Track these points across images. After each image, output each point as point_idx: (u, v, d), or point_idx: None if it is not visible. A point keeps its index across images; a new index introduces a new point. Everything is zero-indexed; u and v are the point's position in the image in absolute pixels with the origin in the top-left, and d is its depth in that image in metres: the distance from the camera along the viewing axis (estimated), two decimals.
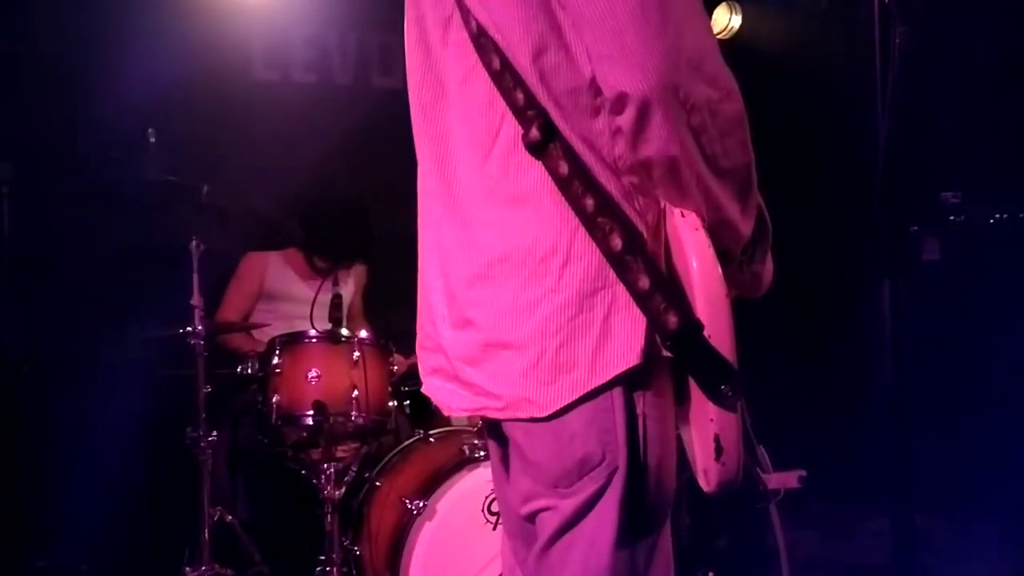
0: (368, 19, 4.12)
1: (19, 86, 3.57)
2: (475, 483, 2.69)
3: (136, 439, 3.26)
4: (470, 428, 3.04)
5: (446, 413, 1.48)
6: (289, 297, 3.58)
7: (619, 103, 1.22)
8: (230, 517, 2.97)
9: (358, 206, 3.65)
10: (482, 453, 2.73)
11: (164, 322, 2.99)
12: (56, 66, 3.57)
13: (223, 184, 2.86)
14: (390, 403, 2.90)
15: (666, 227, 1.29)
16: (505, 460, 1.48)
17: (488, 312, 1.34)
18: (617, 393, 1.29)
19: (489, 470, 2.66)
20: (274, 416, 2.78)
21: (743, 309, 1.33)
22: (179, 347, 3.08)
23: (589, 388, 1.28)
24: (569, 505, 1.33)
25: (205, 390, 2.84)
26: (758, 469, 1.36)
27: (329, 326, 2.93)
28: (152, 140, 2.89)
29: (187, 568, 2.77)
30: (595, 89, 1.25)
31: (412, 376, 3.14)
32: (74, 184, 3.33)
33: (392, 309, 3.53)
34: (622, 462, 1.30)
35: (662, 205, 1.29)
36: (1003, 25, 3.89)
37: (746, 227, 1.34)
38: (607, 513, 1.31)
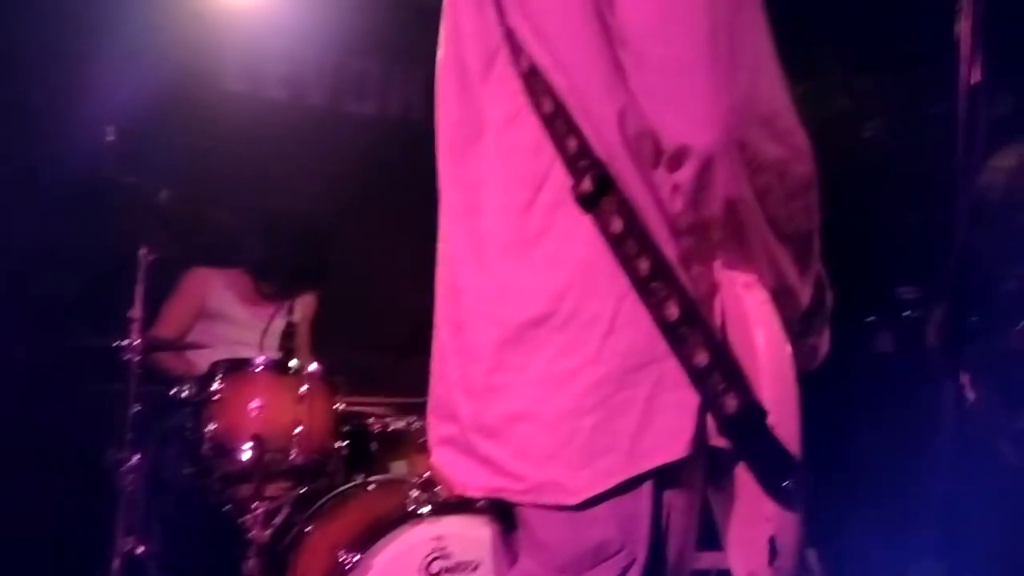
0: (349, 43, 4.00)
1: None
2: (416, 540, 2.51)
3: (47, 456, 3.01)
4: (412, 479, 2.87)
5: (456, 491, 1.33)
6: (230, 320, 3.39)
7: (678, 157, 1.11)
8: (141, 548, 2.74)
9: (315, 232, 3.49)
10: (427, 509, 2.56)
11: (93, 332, 2.79)
12: (15, 57, 3.36)
13: (181, 194, 2.68)
14: (333, 444, 2.73)
15: (722, 298, 1.17)
16: (506, 534, 1.34)
17: (516, 379, 1.19)
18: (648, 479, 1.16)
19: (433, 527, 2.55)
20: (206, 445, 2.58)
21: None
22: (107, 361, 2.87)
23: (626, 477, 1.15)
24: None
25: (134, 409, 2.63)
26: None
27: (278, 355, 2.75)
28: (110, 139, 2.71)
29: None
30: (657, 139, 1.14)
31: (353, 416, 2.97)
32: (14, 177, 3.11)
33: (338, 343, 3.38)
34: (642, 555, 1.17)
35: (717, 275, 1.18)
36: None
37: (805, 296, 1.24)
38: None
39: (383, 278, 3.86)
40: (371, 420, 3.02)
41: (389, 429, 3.02)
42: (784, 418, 1.12)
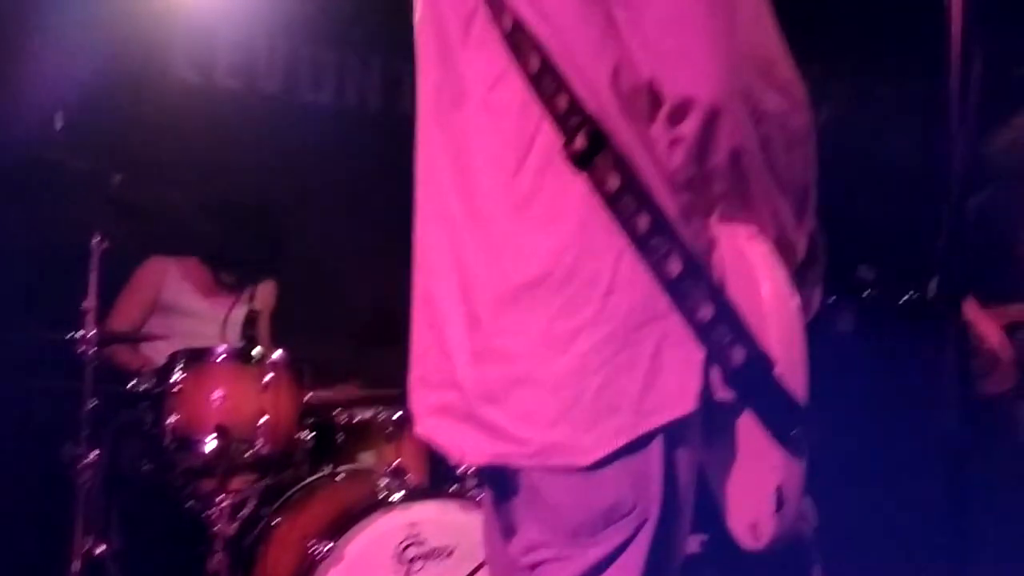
0: (301, 30, 3.92)
1: None
2: (389, 527, 2.46)
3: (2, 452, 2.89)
4: (382, 468, 2.82)
5: (456, 460, 1.28)
6: (187, 312, 3.30)
7: (682, 109, 1.09)
8: (102, 547, 2.64)
9: (270, 216, 3.41)
10: (399, 496, 2.51)
11: (43, 326, 2.69)
12: None
13: (134, 179, 2.59)
14: (299, 434, 2.66)
15: (721, 252, 1.16)
16: (501, 505, 1.29)
17: (517, 343, 1.17)
18: (657, 436, 1.14)
19: (405, 513, 2.50)
20: (168, 438, 2.50)
21: None
22: (59, 355, 2.77)
23: (636, 435, 1.13)
24: (588, 557, 1.17)
25: (91, 404, 2.54)
26: (804, 524, 1.22)
27: (240, 344, 2.68)
28: (59, 126, 2.62)
29: None
30: (653, 93, 1.12)
31: (318, 407, 2.91)
32: None
33: (296, 335, 3.30)
34: (654, 512, 1.15)
35: (715, 229, 1.16)
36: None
37: (801, 248, 1.23)
38: (630, 567, 1.16)
39: (340, 268, 3.80)
40: (336, 411, 2.97)
41: (355, 420, 2.96)
42: (791, 367, 1.12)
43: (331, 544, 2.40)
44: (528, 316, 1.16)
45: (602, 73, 1.13)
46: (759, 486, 1.15)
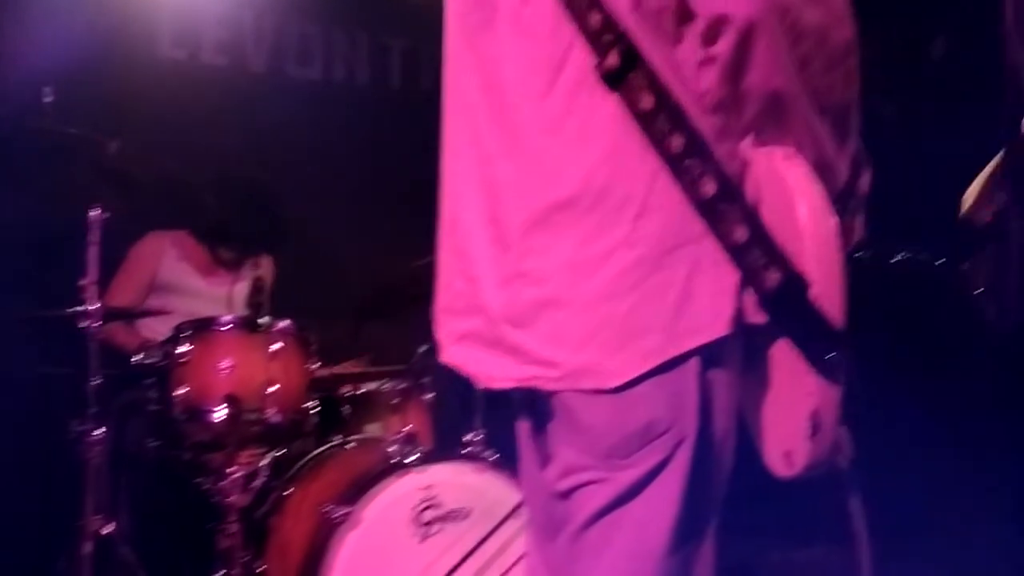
0: (287, 5, 3.87)
1: None
2: (405, 489, 2.44)
3: (3, 435, 2.84)
4: (392, 437, 2.79)
5: (482, 384, 1.27)
6: (186, 292, 3.25)
7: (716, 27, 1.06)
8: (110, 527, 2.60)
9: (265, 189, 3.36)
10: (412, 458, 2.49)
11: (43, 301, 2.64)
12: None
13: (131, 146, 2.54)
14: (307, 403, 2.63)
15: (755, 175, 1.13)
16: (535, 433, 1.28)
17: (546, 264, 1.15)
18: (693, 357, 1.12)
19: (421, 476, 2.48)
20: (177, 410, 2.46)
21: None
22: (56, 334, 2.73)
23: (666, 358, 1.11)
24: (624, 478, 1.14)
25: (96, 381, 2.49)
26: (839, 454, 1.20)
27: (245, 312, 2.64)
28: (48, 99, 2.56)
29: None
30: (681, 12, 1.09)
31: (323, 380, 2.87)
32: None
33: (291, 311, 3.26)
34: (691, 433, 1.13)
35: (749, 152, 1.13)
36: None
37: (843, 171, 1.20)
38: (669, 489, 1.13)
39: (331, 243, 3.77)
40: (342, 383, 2.94)
41: (361, 391, 2.93)
42: (828, 289, 1.09)
43: (348, 509, 2.37)
44: (558, 238, 1.14)
45: None
46: (794, 412, 1.13)
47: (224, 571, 2.50)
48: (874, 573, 1.25)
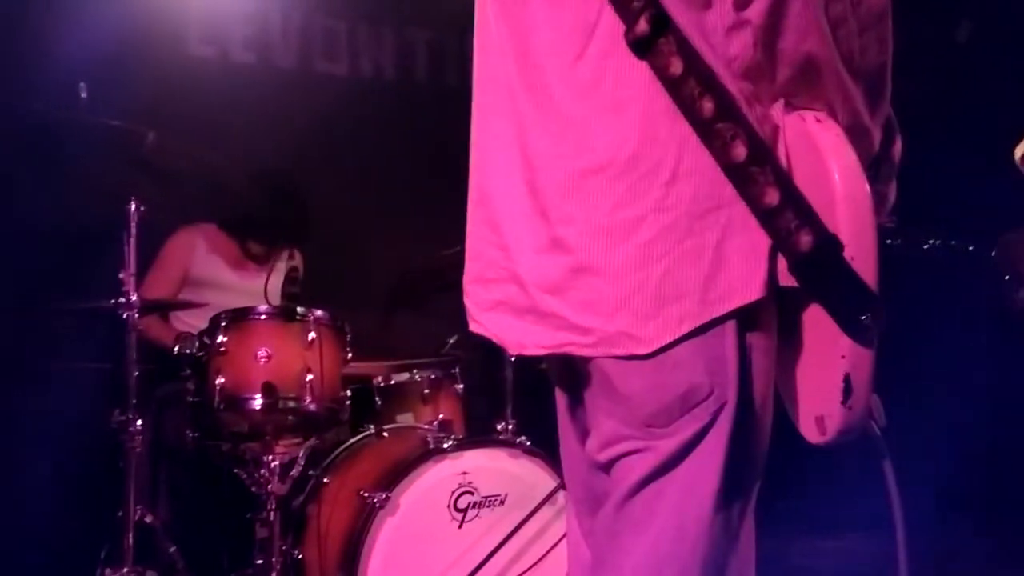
0: (313, 1, 3.90)
1: None
2: (441, 475, 2.46)
3: (44, 429, 2.88)
4: (426, 426, 2.81)
5: (513, 352, 1.29)
6: (218, 286, 3.28)
7: None
8: (149, 517, 2.64)
9: (292, 183, 3.39)
10: (448, 444, 2.51)
11: (81, 294, 2.67)
12: None
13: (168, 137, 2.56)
14: (345, 391, 2.65)
15: (786, 139, 1.13)
16: (574, 407, 1.29)
17: (579, 231, 1.15)
18: (729, 321, 1.13)
19: (457, 462, 2.50)
20: (216, 399, 2.48)
21: None
22: (95, 328, 2.76)
23: (700, 323, 1.11)
24: (665, 446, 1.14)
25: (135, 372, 2.52)
26: (872, 420, 1.19)
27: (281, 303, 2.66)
28: (83, 96, 2.59)
29: (107, 570, 2.42)
30: None
31: (355, 374, 2.89)
32: None
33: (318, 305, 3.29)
34: (731, 397, 1.13)
35: (779, 117, 1.13)
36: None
37: (877, 136, 1.20)
38: (711, 456, 1.13)
39: (359, 237, 3.79)
40: (373, 374, 2.95)
41: (392, 382, 2.95)
42: (862, 251, 1.09)
43: (387, 494, 2.39)
44: (590, 204, 1.15)
45: None
46: (826, 377, 1.13)
47: (263, 559, 2.53)
48: (909, 547, 1.24)
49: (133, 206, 2.51)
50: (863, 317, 1.08)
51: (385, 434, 2.72)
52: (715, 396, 1.13)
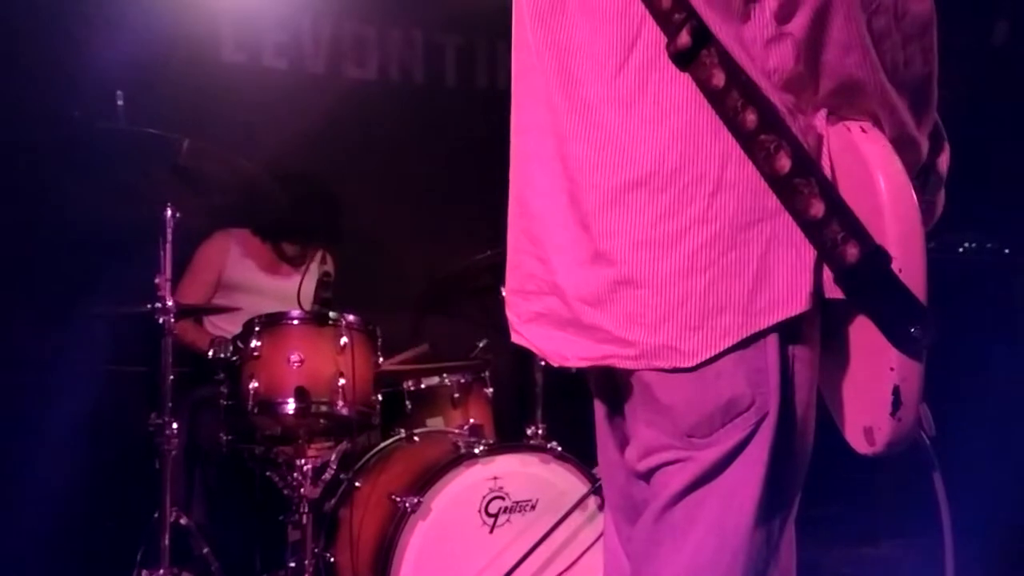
0: (343, 7, 3.93)
1: None
2: (473, 480, 2.47)
3: (81, 432, 2.92)
4: (456, 430, 2.82)
5: (555, 363, 1.29)
6: (251, 289, 3.31)
7: (790, 4, 1.06)
8: (184, 519, 2.67)
9: (323, 185, 3.42)
10: (479, 449, 2.52)
11: (119, 299, 2.71)
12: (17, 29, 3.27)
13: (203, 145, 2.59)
14: (377, 396, 2.67)
15: (830, 150, 1.12)
16: (613, 415, 1.29)
17: (622, 244, 1.15)
18: (772, 332, 1.12)
19: (488, 467, 2.51)
20: (251, 403, 2.50)
21: None
22: (130, 333, 2.79)
23: (744, 335, 1.11)
24: (706, 456, 1.14)
25: (171, 376, 2.55)
26: (921, 431, 1.18)
27: (313, 308, 2.68)
28: (120, 104, 2.63)
29: (144, 571, 2.46)
30: None
31: (384, 375, 2.91)
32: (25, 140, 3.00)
33: (359, 305, 3.31)
34: (773, 408, 1.13)
35: (823, 128, 1.13)
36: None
37: (924, 146, 1.19)
38: (753, 466, 1.13)
39: (388, 242, 3.81)
40: (403, 378, 2.97)
41: (423, 386, 2.96)
42: (910, 262, 1.08)
43: (419, 498, 2.40)
44: (633, 217, 1.15)
45: None
46: (875, 388, 1.12)
47: (295, 562, 2.55)
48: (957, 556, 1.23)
49: (169, 212, 2.54)
50: (912, 330, 1.07)
51: (416, 438, 2.74)
52: (757, 407, 1.13)
